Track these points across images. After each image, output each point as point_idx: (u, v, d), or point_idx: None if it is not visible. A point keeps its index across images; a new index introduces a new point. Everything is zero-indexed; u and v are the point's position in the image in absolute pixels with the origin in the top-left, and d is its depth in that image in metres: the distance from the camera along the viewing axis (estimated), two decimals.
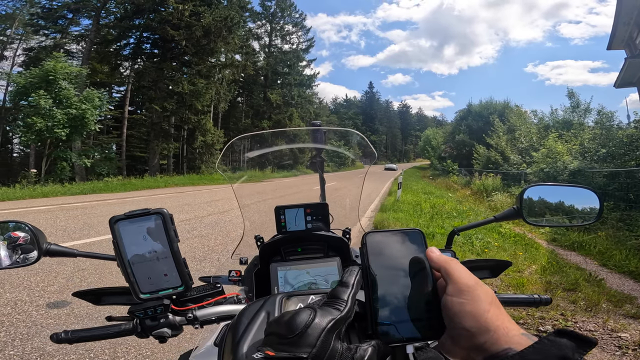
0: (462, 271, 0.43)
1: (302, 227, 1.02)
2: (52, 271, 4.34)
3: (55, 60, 17.02)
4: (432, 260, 0.45)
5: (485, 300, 0.40)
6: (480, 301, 0.40)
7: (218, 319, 0.77)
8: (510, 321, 0.40)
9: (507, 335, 0.37)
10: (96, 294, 0.85)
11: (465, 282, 0.41)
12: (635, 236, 6.31)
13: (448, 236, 0.96)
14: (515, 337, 0.37)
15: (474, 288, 0.41)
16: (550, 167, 11.80)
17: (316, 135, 1.32)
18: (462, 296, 0.41)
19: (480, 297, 0.40)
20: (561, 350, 0.33)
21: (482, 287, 0.42)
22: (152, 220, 0.69)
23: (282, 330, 0.38)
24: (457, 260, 0.45)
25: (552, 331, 0.35)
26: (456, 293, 0.41)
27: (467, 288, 0.41)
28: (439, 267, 0.44)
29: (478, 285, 0.42)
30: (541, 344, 0.34)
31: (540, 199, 0.91)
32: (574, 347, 0.33)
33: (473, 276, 0.43)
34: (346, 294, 0.42)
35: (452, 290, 0.42)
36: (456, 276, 0.42)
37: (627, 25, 13.02)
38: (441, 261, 0.44)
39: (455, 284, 0.42)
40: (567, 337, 0.34)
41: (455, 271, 0.43)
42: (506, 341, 0.37)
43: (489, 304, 0.40)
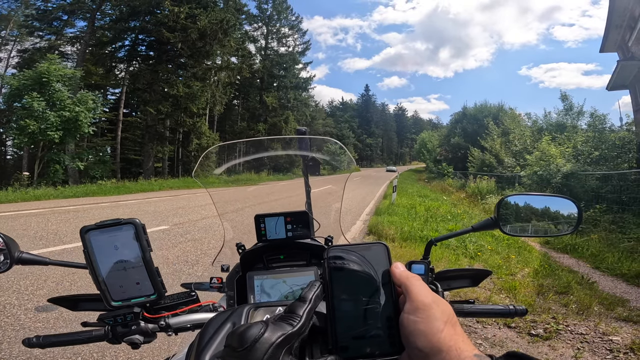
0: (420, 288, 0.42)
1: (283, 236, 1.02)
2: (41, 275, 4.30)
3: (49, 62, 16.95)
4: (395, 275, 0.45)
5: (440, 319, 0.40)
6: (434, 320, 0.39)
7: (193, 326, 0.77)
8: (464, 341, 0.39)
9: (458, 357, 0.37)
10: (72, 300, 0.85)
11: (422, 299, 0.41)
12: (627, 238, 6.37)
13: (425, 247, 0.95)
14: (467, 359, 0.37)
15: (429, 306, 0.40)
16: (543, 169, 11.89)
17: (301, 143, 1.31)
18: (417, 314, 0.40)
19: (434, 316, 0.40)
20: None
21: (439, 306, 0.41)
22: (124, 230, 0.69)
23: (234, 343, 0.38)
24: (418, 277, 0.44)
25: (503, 354, 0.35)
26: (412, 311, 0.41)
27: (423, 306, 0.40)
28: (400, 283, 0.44)
29: (435, 303, 0.41)
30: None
31: (518, 209, 0.91)
32: None
33: (432, 294, 0.42)
34: (302, 309, 0.42)
35: (408, 307, 0.41)
36: (414, 293, 0.42)
37: (619, 28, 13.18)
38: (402, 277, 0.44)
39: (412, 301, 0.41)
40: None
41: (414, 287, 0.42)
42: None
43: (443, 323, 0.39)
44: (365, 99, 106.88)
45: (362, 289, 0.45)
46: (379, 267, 0.46)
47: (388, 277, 0.45)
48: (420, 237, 6.59)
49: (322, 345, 0.48)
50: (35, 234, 6.57)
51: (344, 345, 0.43)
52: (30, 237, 6.27)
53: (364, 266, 0.46)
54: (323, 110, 76.76)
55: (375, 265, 0.46)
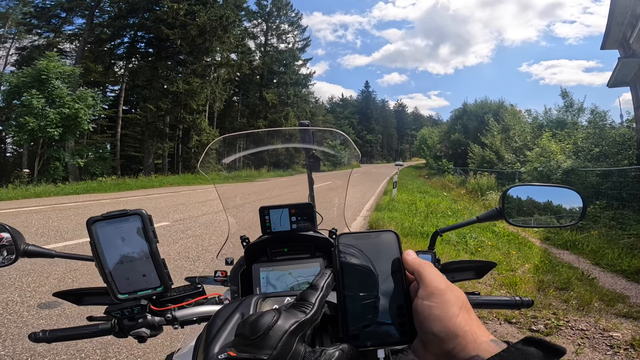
0: (434, 274, 0.42)
1: (287, 228, 1.02)
2: (43, 272, 4.31)
3: (48, 59, 16.89)
4: (407, 262, 0.44)
5: (455, 305, 0.39)
6: (449, 305, 0.39)
7: (199, 319, 0.77)
8: (479, 327, 0.39)
9: (475, 342, 0.37)
10: (77, 294, 0.84)
11: (436, 285, 0.41)
12: (627, 235, 6.37)
13: (431, 237, 0.95)
14: (484, 344, 0.36)
15: (444, 292, 0.40)
16: (544, 166, 11.89)
17: (304, 135, 1.31)
18: (431, 299, 0.40)
19: (450, 301, 0.40)
20: (527, 359, 0.33)
21: (453, 292, 0.41)
22: (130, 221, 0.68)
23: (246, 332, 0.37)
24: (431, 263, 0.44)
25: (521, 339, 0.35)
26: (426, 296, 0.40)
27: (438, 291, 0.40)
28: (413, 270, 0.44)
29: (449, 289, 0.41)
30: (508, 352, 0.34)
31: (523, 200, 0.91)
32: (541, 356, 0.33)
33: (445, 280, 0.42)
34: (314, 297, 0.42)
35: (422, 293, 0.41)
36: (428, 279, 0.41)
37: (620, 25, 13.11)
38: (415, 264, 0.44)
39: (426, 287, 0.41)
40: (534, 346, 0.33)
41: (428, 274, 0.42)
42: (474, 348, 0.36)
43: (458, 309, 0.39)
44: (365, 96, 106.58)
45: (373, 277, 0.44)
46: (389, 255, 0.46)
47: (399, 265, 0.45)
48: (420, 233, 6.59)
49: (333, 334, 0.48)
50: (36, 230, 6.57)
51: (354, 334, 0.42)
52: (32, 234, 6.28)
53: (374, 254, 0.46)
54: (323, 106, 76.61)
55: (385, 253, 0.46)
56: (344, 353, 0.40)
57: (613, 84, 14.27)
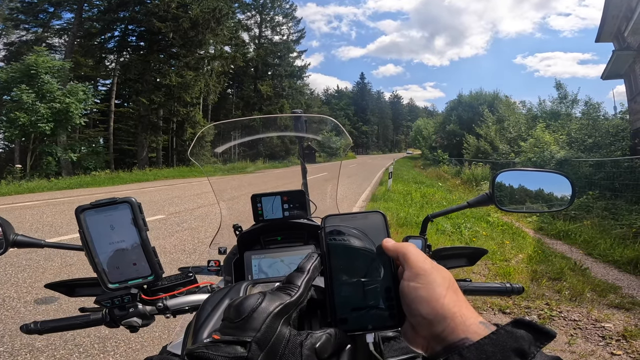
0: (418, 255, 0.41)
1: (280, 215, 1.02)
2: (39, 267, 4.29)
3: (36, 54, 16.65)
4: (389, 250, 0.43)
5: (442, 285, 0.38)
6: (436, 286, 0.38)
7: (191, 308, 0.77)
8: (468, 308, 0.38)
9: (464, 324, 0.36)
10: (69, 285, 0.84)
11: (421, 265, 0.40)
12: (620, 225, 6.42)
13: (422, 223, 0.95)
14: (473, 326, 0.36)
15: (429, 272, 0.39)
16: (537, 156, 11.94)
17: (297, 123, 1.30)
18: (417, 280, 0.39)
19: (435, 282, 0.38)
20: (517, 342, 0.32)
21: (439, 272, 0.40)
22: (120, 209, 0.68)
23: (231, 315, 0.37)
24: (414, 245, 0.43)
25: (510, 321, 0.34)
26: (412, 278, 0.39)
27: (423, 272, 0.39)
28: (396, 254, 0.42)
29: (434, 269, 0.40)
30: (498, 334, 0.33)
31: (514, 185, 0.91)
32: (531, 339, 0.32)
33: (430, 260, 0.41)
34: (300, 279, 0.41)
35: (408, 275, 0.40)
36: (412, 260, 0.40)
37: (615, 18, 13.12)
38: (397, 248, 0.42)
39: (411, 268, 0.40)
40: (524, 328, 0.33)
41: (412, 255, 0.41)
42: (463, 330, 0.35)
43: (445, 289, 0.38)
44: (360, 87, 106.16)
45: (361, 259, 0.44)
46: (376, 236, 0.45)
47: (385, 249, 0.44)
48: (416, 223, 6.62)
49: (321, 318, 0.48)
50: (30, 226, 6.53)
51: (343, 318, 0.42)
52: (26, 229, 6.23)
53: (361, 236, 0.45)
54: (318, 98, 76.25)
55: (373, 234, 0.45)
56: (330, 337, 0.39)
57: (607, 76, 14.34)
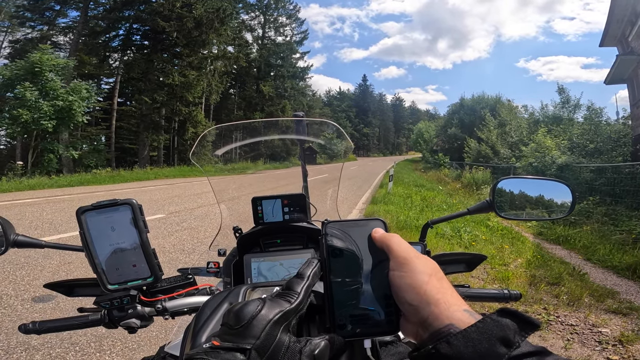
0: (401, 244, 0.42)
1: (280, 218, 1.02)
2: (37, 265, 4.29)
3: (41, 52, 16.71)
4: (376, 240, 0.44)
5: (424, 272, 0.39)
6: (418, 273, 0.39)
7: (189, 310, 0.77)
8: (452, 295, 0.39)
9: (448, 310, 0.36)
10: (68, 285, 0.84)
11: (404, 255, 0.41)
12: (619, 231, 6.41)
13: (422, 229, 0.96)
14: (457, 313, 0.36)
15: (411, 260, 0.40)
16: (538, 161, 11.94)
17: (298, 126, 1.30)
18: (401, 269, 0.40)
19: (418, 269, 0.40)
20: (503, 330, 0.33)
21: (422, 259, 0.41)
22: (121, 211, 0.68)
23: (230, 321, 0.37)
24: (399, 236, 0.44)
25: (496, 310, 0.35)
26: (396, 267, 0.41)
27: (405, 260, 0.41)
28: (382, 245, 0.43)
29: (417, 257, 0.41)
30: (484, 322, 0.34)
31: (513, 192, 0.91)
32: (516, 329, 0.33)
33: (413, 249, 0.42)
34: (300, 286, 0.41)
35: (392, 264, 0.41)
36: (395, 249, 0.42)
37: (620, 23, 13.07)
38: (382, 238, 0.44)
39: (395, 258, 0.41)
40: (510, 318, 0.34)
41: (395, 244, 0.42)
42: (447, 316, 0.36)
43: (427, 276, 0.39)
44: (362, 89, 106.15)
45: (360, 266, 0.44)
46: None
47: (385, 254, 0.44)
48: (416, 226, 6.62)
49: (320, 324, 0.49)
50: (30, 223, 6.53)
51: (341, 324, 0.42)
52: (25, 226, 6.24)
53: (362, 242, 0.45)
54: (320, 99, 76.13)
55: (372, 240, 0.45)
56: (329, 343, 0.39)
57: (610, 81, 14.31)
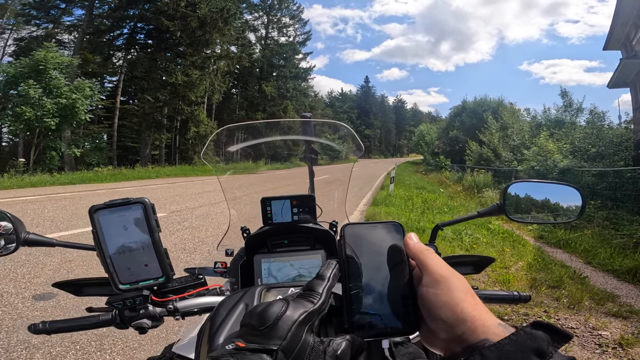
0: (437, 261, 0.42)
1: (288, 219, 1.02)
2: (38, 263, 4.29)
3: (46, 50, 16.76)
4: (409, 247, 0.44)
5: (460, 290, 0.40)
6: (455, 291, 0.40)
7: (200, 310, 0.77)
8: (486, 311, 0.39)
9: (483, 326, 0.37)
10: (77, 284, 0.84)
11: (440, 272, 0.41)
12: (620, 235, 6.41)
13: (432, 231, 0.96)
14: (492, 328, 0.37)
15: (448, 278, 0.41)
16: (540, 165, 11.93)
17: (306, 128, 1.31)
18: (437, 287, 0.40)
19: (455, 287, 0.40)
20: (536, 342, 0.33)
21: (457, 277, 0.41)
22: (133, 209, 0.68)
23: (254, 322, 0.37)
24: (432, 249, 0.45)
25: (529, 323, 0.35)
26: (431, 284, 0.41)
27: (442, 278, 0.41)
28: (415, 256, 0.44)
29: (452, 275, 0.41)
30: (517, 335, 0.34)
31: (524, 196, 0.92)
32: (549, 340, 0.33)
33: (447, 266, 0.42)
34: (321, 287, 0.42)
35: (427, 281, 0.41)
36: (431, 266, 0.42)
37: (624, 26, 12.99)
38: (417, 250, 0.44)
39: (430, 274, 0.41)
40: (543, 330, 0.34)
41: (430, 261, 0.42)
42: (483, 332, 0.37)
43: (464, 294, 0.40)
44: (364, 90, 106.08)
45: (378, 266, 0.45)
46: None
47: (401, 256, 0.45)
48: (417, 229, 6.62)
49: (337, 325, 0.49)
50: (31, 221, 6.53)
51: (360, 325, 0.43)
52: (27, 224, 6.08)
53: (379, 245, 0.46)
54: (322, 100, 76.09)
55: (389, 243, 0.46)
56: (350, 343, 0.40)
57: (613, 85, 14.26)
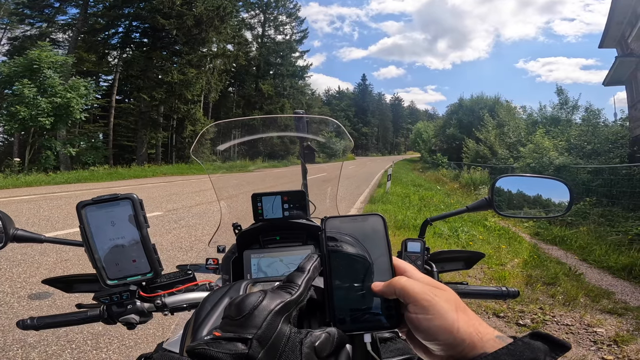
0: (415, 286, 0.41)
1: (279, 215, 1.02)
2: (34, 262, 4.28)
3: (40, 49, 16.66)
4: (383, 293, 0.43)
5: (450, 310, 0.39)
6: (445, 313, 0.39)
7: (189, 306, 0.77)
8: (481, 324, 0.39)
9: (482, 340, 0.37)
10: (66, 281, 0.84)
11: (424, 297, 0.40)
12: (615, 232, 6.45)
13: (421, 226, 0.96)
14: (490, 341, 0.37)
15: (435, 301, 0.39)
16: (536, 162, 11.99)
17: (299, 124, 1.31)
18: (427, 312, 0.39)
19: (444, 309, 0.39)
20: (534, 352, 0.33)
21: (443, 296, 0.40)
22: (121, 205, 0.68)
23: (232, 312, 0.38)
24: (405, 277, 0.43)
25: (527, 333, 0.35)
26: (420, 310, 0.40)
27: (428, 303, 0.39)
28: (393, 292, 0.42)
29: (438, 296, 0.40)
30: (515, 345, 0.34)
31: (511, 191, 0.92)
32: (547, 350, 0.33)
33: (429, 286, 0.41)
34: (300, 279, 0.42)
35: (414, 309, 0.40)
36: (412, 294, 0.40)
37: (620, 24, 13.05)
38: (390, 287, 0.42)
39: (416, 302, 0.40)
40: (541, 340, 0.34)
41: (410, 289, 0.41)
42: (482, 346, 0.37)
43: (455, 312, 0.39)
44: (362, 88, 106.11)
45: (360, 261, 0.44)
46: (376, 238, 0.46)
47: (384, 249, 0.45)
48: (414, 226, 6.63)
49: (320, 318, 0.49)
50: (27, 220, 6.51)
51: (341, 318, 0.42)
52: (22, 223, 6.21)
53: (361, 238, 0.45)
54: (319, 98, 76.05)
55: (372, 236, 0.46)
56: (330, 336, 0.39)
57: (609, 83, 14.34)
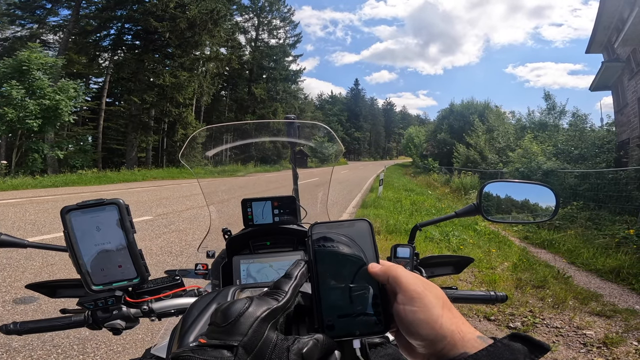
0: (409, 277, 0.42)
1: (270, 220, 1.01)
2: (19, 266, 4.20)
3: (29, 50, 16.43)
4: (376, 275, 0.43)
5: (437, 305, 0.40)
6: (432, 307, 0.39)
7: (176, 311, 0.76)
8: (464, 324, 0.39)
9: (463, 340, 0.37)
10: (51, 286, 0.83)
11: (414, 288, 0.40)
12: (603, 235, 6.55)
13: (411, 231, 0.97)
14: (471, 341, 0.37)
15: (424, 294, 0.40)
16: (525, 166, 12.15)
17: (290, 129, 1.30)
18: (413, 304, 0.40)
19: (431, 303, 0.39)
20: (513, 354, 0.34)
21: (433, 291, 0.41)
22: (107, 210, 0.67)
23: (218, 319, 0.37)
24: (402, 266, 0.44)
25: (507, 335, 0.36)
26: (407, 301, 0.40)
27: (417, 295, 0.40)
28: (387, 278, 0.43)
29: (427, 290, 0.41)
30: (495, 347, 0.35)
31: (499, 196, 0.93)
32: (526, 352, 0.34)
33: (421, 280, 0.42)
34: (287, 285, 0.42)
35: (402, 298, 0.41)
36: (404, 283, 0.41)
37: (606, 29, 13.27)
38: (386, 272, 0.43)
39: (404, 292, 0.41)
40: (520, 342, 0.35)
41: (403, 278, 0.41)
42: (462, 345, 0.37)
43: (441, 309, 0.39)
44: (354, 93, 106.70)
45: (347, 267, 0.44)
46: (363, 243, 0.46)
47: (372, 254, 0.45)
48: (405, 230, 6.66)
49: (309, 325, 0.49)
50: (12, 224, 6.38)
51: (329, 324, 0.42)
52: (8, 227, 6.09)
53: (348, 243, 0.45)
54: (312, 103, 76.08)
55: (359, 241, 0.46)
56: (318, 342, 0.39)
57: (595, 88, 14.61)
